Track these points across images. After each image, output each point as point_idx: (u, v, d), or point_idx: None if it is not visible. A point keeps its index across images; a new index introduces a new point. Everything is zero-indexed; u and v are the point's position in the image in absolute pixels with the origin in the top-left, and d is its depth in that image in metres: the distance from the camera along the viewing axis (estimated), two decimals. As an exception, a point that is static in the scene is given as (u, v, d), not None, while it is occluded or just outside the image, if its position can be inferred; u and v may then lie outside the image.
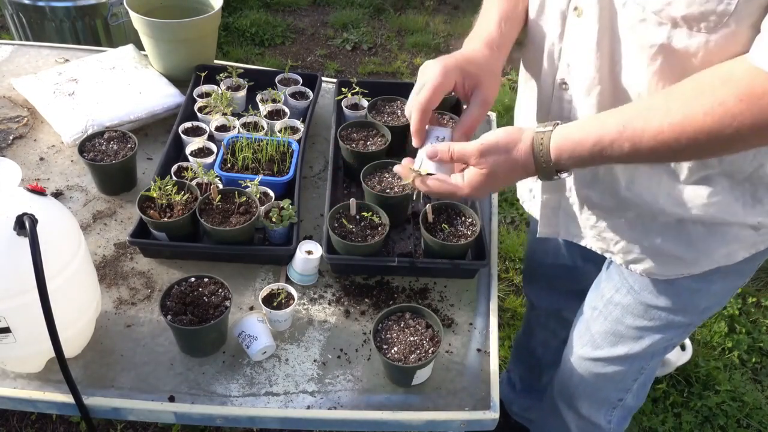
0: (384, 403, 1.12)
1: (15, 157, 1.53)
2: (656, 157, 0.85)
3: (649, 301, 1.16)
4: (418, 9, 4.25)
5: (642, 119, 0.82)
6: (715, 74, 0.79)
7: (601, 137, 0.84)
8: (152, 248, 1.32)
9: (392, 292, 1.30)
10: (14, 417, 1.95)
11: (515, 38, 1.07)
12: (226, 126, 1.57)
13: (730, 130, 0.76)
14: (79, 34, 2.72)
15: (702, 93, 0.78)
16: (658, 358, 1.29)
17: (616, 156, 0.85)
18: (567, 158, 0.88)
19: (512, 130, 0.93)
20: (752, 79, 0.74)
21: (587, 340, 1.30)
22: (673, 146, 0.80)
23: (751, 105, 0.74)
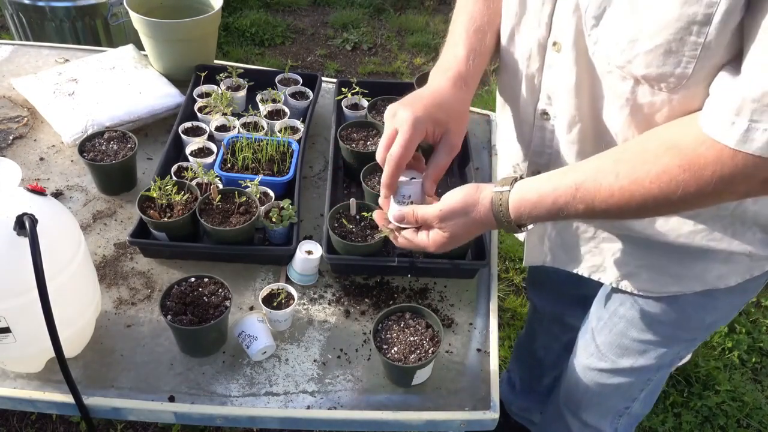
0: (384, 403, 1.12)
1: (15, 157, 1.53)
2: (611, 216, 0.85)
3: (654, 316, 1.14)
4: (418, 9, 4.25)
5: (593, 182, 0.82)
6: (663, 139, 0.79)
7: (556, 199, 0.85)
8: (152, 248, 1.32)
9: (392, 292, 1.30)
10: (14, 417, 1.95)
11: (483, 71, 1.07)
12: (226, 126, 1.57)
13: (675, 197, 0.77)
14: (79, 34, 2.72)
15: (647, 160, 0.78)
16: (666, 370, 1.28)
17: (573, 215, 0.86)
18: (527, 217, 0.89)
19: (470, 192, 0.94)
20: (696, 147, 0.74)
21: (593, 351, 1.29)
22: (624, 209, 0.81)
23: (694, 175, 0.75)
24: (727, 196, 0.78)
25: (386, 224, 1.03)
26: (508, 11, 0.99)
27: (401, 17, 4.15)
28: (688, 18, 0.72)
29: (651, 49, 0.76)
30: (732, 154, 0.72)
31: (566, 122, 0.96)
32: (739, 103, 0.70)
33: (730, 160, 0.72)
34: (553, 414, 1.53)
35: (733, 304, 1.14)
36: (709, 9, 0.70)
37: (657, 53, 0.76)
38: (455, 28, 1.07)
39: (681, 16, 0.72)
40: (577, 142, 0.97)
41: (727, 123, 0.71)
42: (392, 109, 0.98)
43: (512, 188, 0.90)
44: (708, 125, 0.74)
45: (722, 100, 0.73)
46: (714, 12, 0.70)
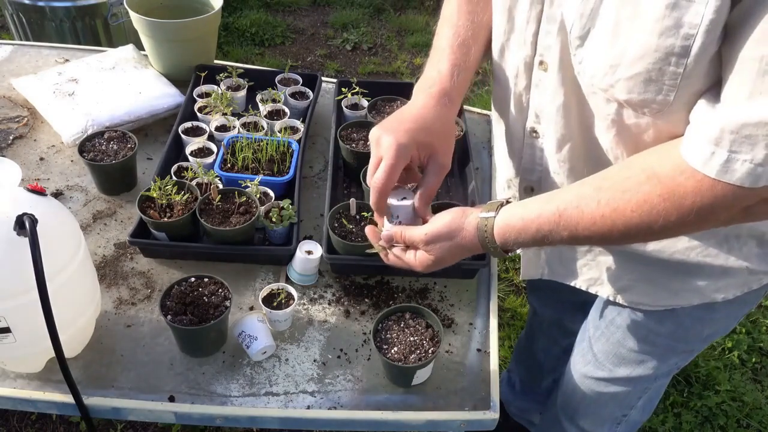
0: (384, 403, 1.12)
1: (15, 157, 1.53)
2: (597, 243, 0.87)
3: (651, 327, 1.14)
4: (418, 9, 4.25)
5: (575, 209, 0.82)
6: (643, 167, 0.79)
7: (540, 226, 0.85)
8: (152, 248, 1.32)
9: (392, 292, 1.30)
10: (14, 417, 1.95)
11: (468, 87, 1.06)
12: (226, 126, 1.57)
13: (657, 226, 0.77)
14: (79, 34, 2.72)
15: (629, 189, 0.78)
16: (664, 380, 1.28)
17: (558, 241, 0.86)
18: (512, 243, 0.89)
19: (456, 216, 0.93)
20: (676, 176, 0.74)
21: (590, 359, 1.29)
22: (608, 236, 0.81)
23: (674, 204, 0.75)
24: (710, 223, 0.78)
25: (377, 241, 1.05)
26: (497, 28, 0.98)
27: (401, 17, 4.15)
28: (665, 49, 0.72)
29: (631, 76, 0.76)
30: (711, 184, 0.72)
31: (556, 141, 0.96)
32: (718, 134, 0.69)
33: (709, 190, 0.72)
34: (550, 419, 1.53)
35: (732, 315, 1.13)
36: (686, 41, 0.70)
37: (637, 80, 0.76)
38: (439, 43, 1.05)
39: (659, 47, 0.72)
40: (568, 161, 0.97)
41: (707, 153, 0.71)
42: (375, 134, 0.96)
43: (497, 214, 0.90)
44: (688, 155, 0.73)
45: (702, 130, 0.72)
46: (691, 44, 0.70)
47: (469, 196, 1.46)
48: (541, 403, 1.85)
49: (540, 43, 0.90)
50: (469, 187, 1.48)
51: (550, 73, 0.90)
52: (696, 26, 0.69)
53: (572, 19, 0.81)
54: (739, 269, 1.00)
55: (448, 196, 1.51)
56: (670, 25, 0.70)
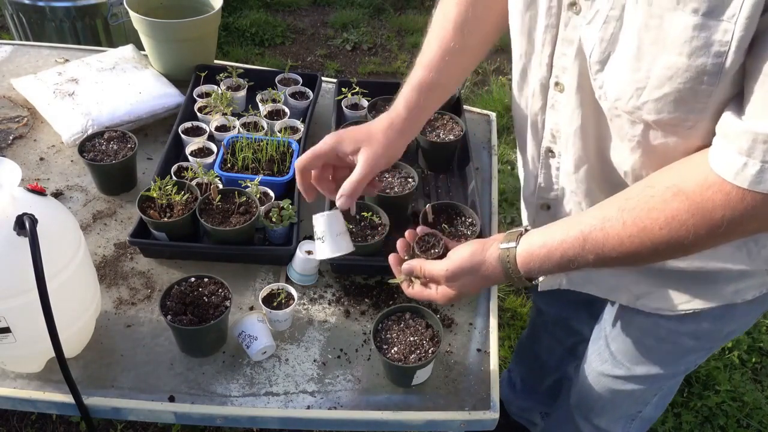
0: (384, 403, 1.12)
1: (15, 157, 1.53)
2: (626, 263, 0.84)
3: (670, 327, 1.13)
4: (418, 9, 4.25)
5: (600, 231, 0.82)
6: (668, 184, 0.78)
7: (565, 252, 0.85)
8: (152, 248, 1.32)
9: (392, 292, 1.30)
10: (14, 417, 1.95)
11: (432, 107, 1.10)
12: (226, 126, 1.57)
13: (688, 241, 0.77)
14: (79, 34, 2.72)
15: (654, 207, 0.78)
16: (680, 377, 1.28)
17: (584, 265, 0.85)
18: (537, 272, 0.89)
19: (477, 250, 0.94)
20: (703, 191, 0.74)
21: (606, 357, 1.28)
22: (636, 255, 0.81)
23: (704, 218, 0.74)
24: (739, 235, 0.77)
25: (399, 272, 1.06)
26: (517, 50, 0.98)
27: (401, 17, 4.15)
28: (697, 69, 0.71)
29: (660, 97, 0.75)
30: (741, 196, 0.71)
31: (572, 162, 0.96)
32: (750, 145, 0.69)
33: (740, 202, 0.72)
34: (562, 417, 1.52)
35: (752, 314, 1.13)
36: (718, 59, 0.69)
37: (667, 101, 0.75)
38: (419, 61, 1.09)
39: (689, 67, 0.71)
40: (585, 182, 0.97)
41: (739, 164, 0.70)
42: None
43: (518, 244, 0.90)
44: (719, 167, 0.73)
45: (732, 141, 0.71)
46: (723, 61, 0.69)
47: (469, 195, 1.46)
48: (542, 402, 1.84)
49: (555, 65, 0.90)
50: (469, 187, 1.48)
51: (567, 95, 0.90)
52: (727, 44, 0.68)
53: (592, 44, 0.80)
54: (758, 271, 0.99)
55: (448, 197, 1.51)
56: (700, 45, 0.69)
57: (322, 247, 1.08)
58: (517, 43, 0.97)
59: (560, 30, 0.86)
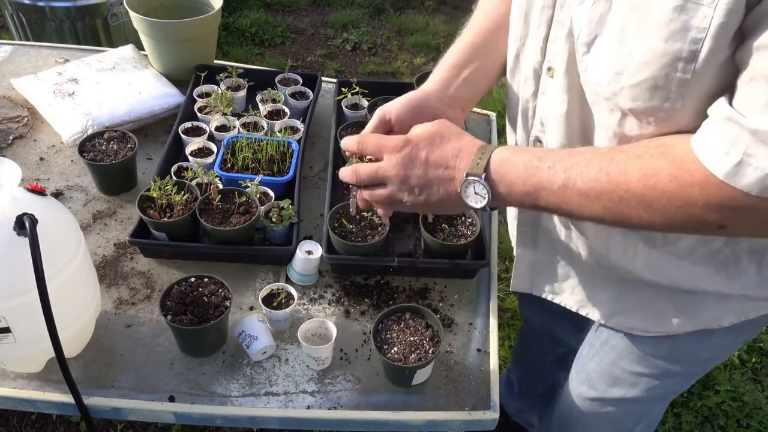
0: (384, 403, 1.12)
1: (15, 157, 1.53)
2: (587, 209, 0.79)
3: (646, 349, 1.11)
4: (418, 9, 4.25)
5: (586, 159, 0.78)
6: (658, 144, 0.76)
7: (544, 156, 0.81)
8: (152, 248, 1.32)
9: (392, 292, 1.30)
10: (14, 417, 1.95)
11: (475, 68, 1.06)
12: (226, 126, 1.57)
13: (658, 206, 0.73)
14: (79, 34, 2.72)
15: (641, 156, 0.75)
16: (661, 404, 1.26)
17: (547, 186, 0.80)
18: (503, 158, 0.83)
19: (454, 132, 0.90)
20: (688, 163, 0.71)
21: (583, 378, 1.27)
22: (604, 198, 0.77)
23: (680, 189, 0.71)
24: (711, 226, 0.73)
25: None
26: (513, 33, 0.96)
27: (401, 17, 4.15)
28: (673, 54, 0.69)
29: (636, 83, 0.74)
30: (719, 183, 0.69)
31: None
32: (735, 133, 0.67)
33: (717, 188, 0.69)
34: None
35: (730, 341, 1.10)
36: (694, 46, 0.68)
37: (643, 87, 0.74)
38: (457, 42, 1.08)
39: (666, 52, 0.70)
40: None
41: (721, 152, 0.68)
42: None
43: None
44: (700, 149, 0.70)
45: (719, 126, 0.69)
46: (699, 49, 0.68)
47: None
48: (537, 406, 1.84)
49: (549, 49, 0.88)
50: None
51: (556, 80, 0.87)
52: (704, 30, 0.66)
53: (581, 25, 0.79)
54: (736, 297, 0.97)
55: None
56: (678, 28, 0.68)
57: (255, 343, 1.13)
58: (515, 25, 0.95)
59: (555, 11, 0.85)
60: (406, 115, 1.00)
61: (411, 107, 1.01)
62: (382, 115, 1.01)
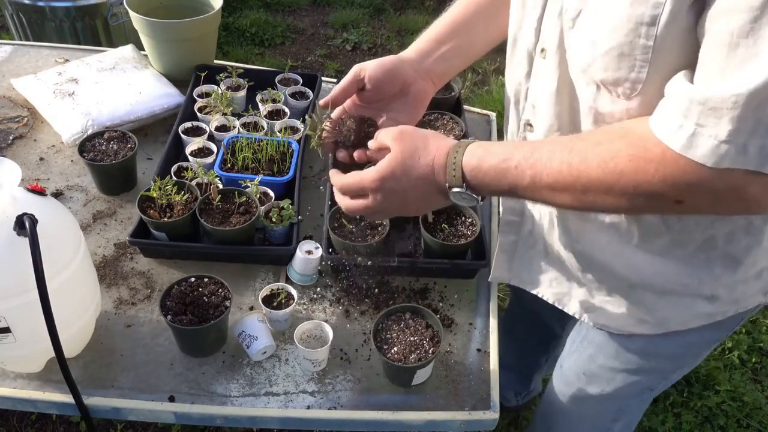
0: (384, 403, 1.12)
1: (15, 157, 1.53)
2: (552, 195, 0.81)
3: (621, 343, 1.13)
4: (418, 9, 4.25)
5: (547, 152, 0.80)
6: (620, 127, 0.78)
7: (509, 156, 0.82)
8: (152, 248, 1.32)
9: (392, 292, 1.30)
10: (14, 417, 1.95)
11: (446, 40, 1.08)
12: (226, 126, 1.57)
13: (618, 188, 0.75)
14: (79, 34, 2.72)
15: (601, 143, 0.77)
16: (636, 402, 1.26)
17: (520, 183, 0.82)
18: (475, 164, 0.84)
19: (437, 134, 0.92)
20: (646, 141, 0.72)
21: (562, 376, 1.29)
22: (568, 188, 0.79)
23: (638, 167, 0.72)
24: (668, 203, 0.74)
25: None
26: (512, 17, 0.98)
27: (401, 17, 4.15)
28: (636, 19, 0.71)
29: (606, 51, 0.76)
30: (675, 157, 0.70)
31: (544, 130, 0.94)
32: (687, 105, 0.68)
33: (673, 162, 0.70)
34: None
35: (704, 339, 1.11)
36: (655, 10, 0.70)
37: (612, 56, 0.76)
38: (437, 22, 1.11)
39: (630, 16, 0.72)
40: None
41: (675, 125, 0.69)
42: None
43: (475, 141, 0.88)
44: (657, 126, 0.72)
45: (672, 101, 0.71)
46: (660, 13, 0.70)
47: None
48: (515, 382, 1.88)
49: (543, 30, 0.89)
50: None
51: (548, 59, 0.89)
52: None
53: (569, 1, 0.81)
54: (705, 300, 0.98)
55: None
56: None
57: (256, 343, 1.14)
58: (514, 10, 0.97)
59: None
60: (380, 76, 1.02)
61: (385, 70, 1.03)
62: (357, 72, 1.03)
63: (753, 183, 0.68)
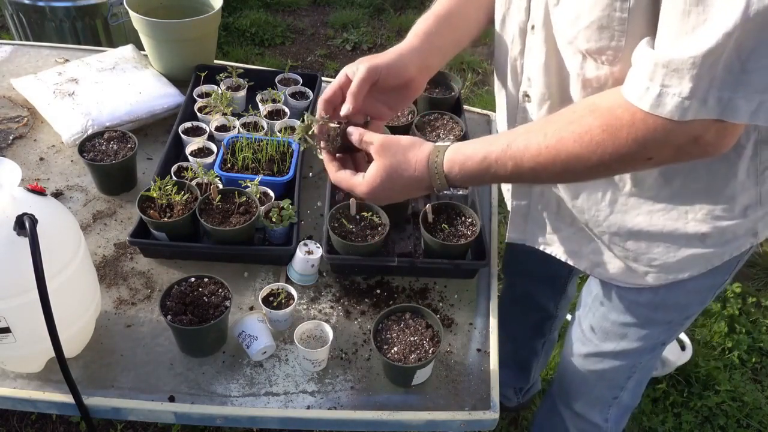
0: (384, 403, 1.12)
1: (15, 157, 1.53)
2: (536, 177, 0.90)
3: (630, 298, 1.18)
4: (418, 9, 4.25)
5: (524, 140, 0.87)
6: (588, 102, 0.85)
7: (488, 153, 0.90)
8: (152, 248, 1.32)
9: (392, 292, 1.30)
10: (14, 417, 1.95)
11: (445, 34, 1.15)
12: (226, 126, 1.57)
13: (595, 157, 0.82)
14: (79, 34, 2.72)
15: (573, 121, 0.84)
16: (649, 356, 1.30)
17: (502, 173, 0.90)
18: (458, 172, 0.93)
19: (415, 139, 0.99)
20: (614, 109, 0.80)
21: (578, 336, 1.34)
22: (550, 168, 0.86)
23: (611, 135, 0.80)
24: (641, 161, 0.82)
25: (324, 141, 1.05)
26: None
27: (401, 17, 4.15)
28: None
29: (588, 25, 0.84)
30: (644, 117, 0.77)
31: (538, 100, 1.02)
32: (652, 69, 0.75)
33: (642, 122, 0.77)
34: (548, 406, 1.57)
35: (705, 285, 1.16)
36: None
37: (593, 29, 0.83)
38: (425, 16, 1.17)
39: None
40: None
41: (643, 88, 0.76)
42: None
43: (451, 144, 0.96)
44: (627, 91, 0.79)
45: (638, 66, 0.78)
46: None
47: (469, 195, 1.45)
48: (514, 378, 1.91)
49: (532, 8, 0.96)
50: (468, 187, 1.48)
51: (536, 34, 0.96)
52: None
53: None
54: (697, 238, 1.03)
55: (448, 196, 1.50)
56: None
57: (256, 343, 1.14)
58: None
59: None
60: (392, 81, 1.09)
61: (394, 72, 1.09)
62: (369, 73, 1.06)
63: (710, 130, 0.77)
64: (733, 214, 1.00)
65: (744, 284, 2.53)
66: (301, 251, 1.26)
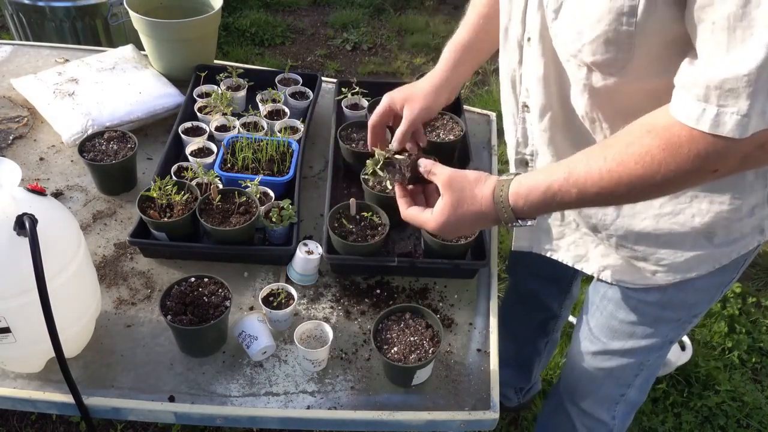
0: (384, 403, 1.12)
1: (15, 157, 1.53)
2: (603, 200, 0.90)
3: (638, 297, 1.19)
4: (418, 9, 4.25)
5: (584, 166, 0.87)
6: (643, 124, 0.84)
7: (550, 184, 0.90)
8: (152, 248, 1.32)
9: (392, 292, 1.30)
10: (14, 417, 1.95)
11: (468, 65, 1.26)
12: (226, 126, 1.57)
13: (659, 176, 0.82)
14: (79, 34, 2.72)
15: (632, 143, 0.84)
16: (657, 354, 1.31)
17: (567, 201, 0.90)
18: (523, 204, 0.93)
19: (480, 173, 1.00)
20: (671, 129, 0.80)
21: (586, 334, 1.34)
22: (615, 191, 0.86)
23: (672, 153, 0.80)
24: (707, 173, 0.82)
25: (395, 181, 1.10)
26: (501, 9, 1.06)
27: (401, 17, 4.15)
28: (616, 10, 0.80)
29: (593, 39, 0.84)
30: (703, 136, 0.77)
31: (539, 111, 1.03)
32: (704, 92, 0.75)
33: (702, 138, 0.77)
34: (554, 404, 1.57)
35: (714, 284, 1.16)
36: (633, 2, 0.78)
37: (598, 42, 0.84)
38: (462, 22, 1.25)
39: (611, 8, 0.80)
40: (548, 129, 1.05)
41: (698, 111, 0.76)
42: None
43: (514, 177, 0.96)
44: (680, 114, 0.78)
45: (689, 90, 0.77)
46: (637, 4, 0.78)
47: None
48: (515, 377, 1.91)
49: (528, 20, 0.98)
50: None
51: (533, 47, 0.98)
52: None
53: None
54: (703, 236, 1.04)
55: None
56: None
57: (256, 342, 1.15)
58: (503, 3, 1.05)
59: None
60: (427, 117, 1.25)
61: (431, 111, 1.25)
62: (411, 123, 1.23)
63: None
64: (740, 215, 1.01)
65: (744, 284, 2.53)
66: (301, 251, 1.26)
